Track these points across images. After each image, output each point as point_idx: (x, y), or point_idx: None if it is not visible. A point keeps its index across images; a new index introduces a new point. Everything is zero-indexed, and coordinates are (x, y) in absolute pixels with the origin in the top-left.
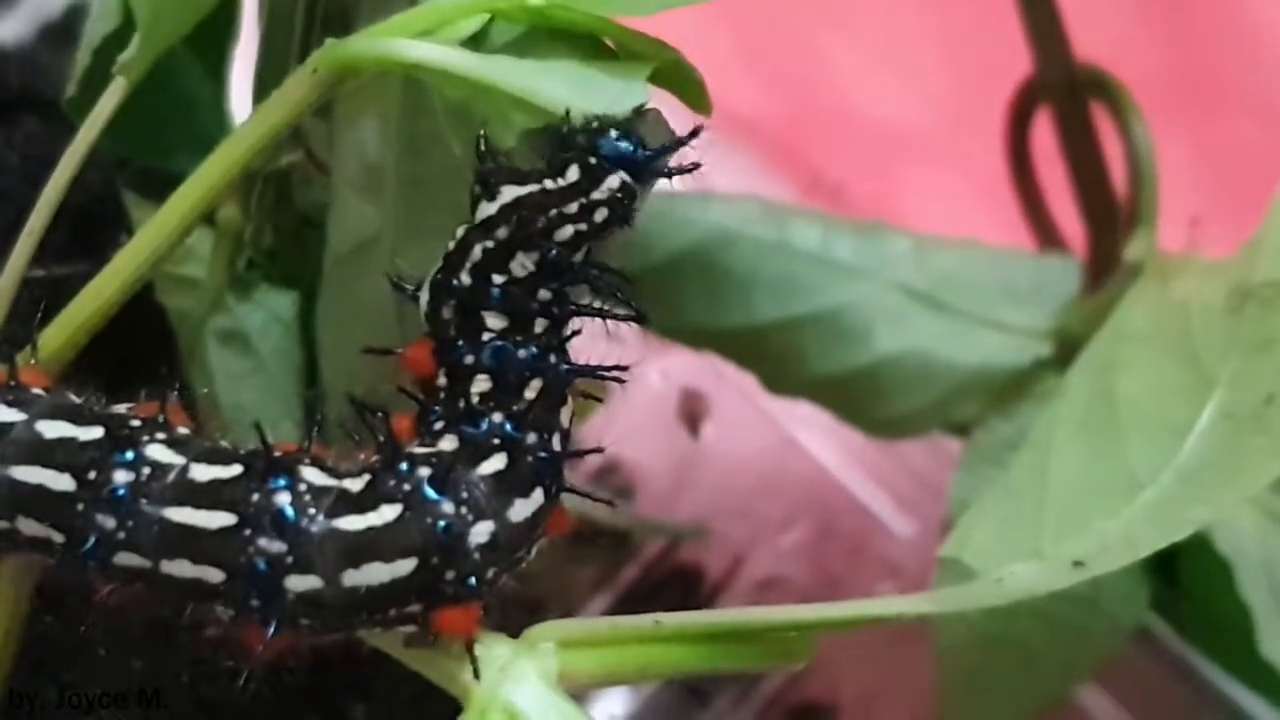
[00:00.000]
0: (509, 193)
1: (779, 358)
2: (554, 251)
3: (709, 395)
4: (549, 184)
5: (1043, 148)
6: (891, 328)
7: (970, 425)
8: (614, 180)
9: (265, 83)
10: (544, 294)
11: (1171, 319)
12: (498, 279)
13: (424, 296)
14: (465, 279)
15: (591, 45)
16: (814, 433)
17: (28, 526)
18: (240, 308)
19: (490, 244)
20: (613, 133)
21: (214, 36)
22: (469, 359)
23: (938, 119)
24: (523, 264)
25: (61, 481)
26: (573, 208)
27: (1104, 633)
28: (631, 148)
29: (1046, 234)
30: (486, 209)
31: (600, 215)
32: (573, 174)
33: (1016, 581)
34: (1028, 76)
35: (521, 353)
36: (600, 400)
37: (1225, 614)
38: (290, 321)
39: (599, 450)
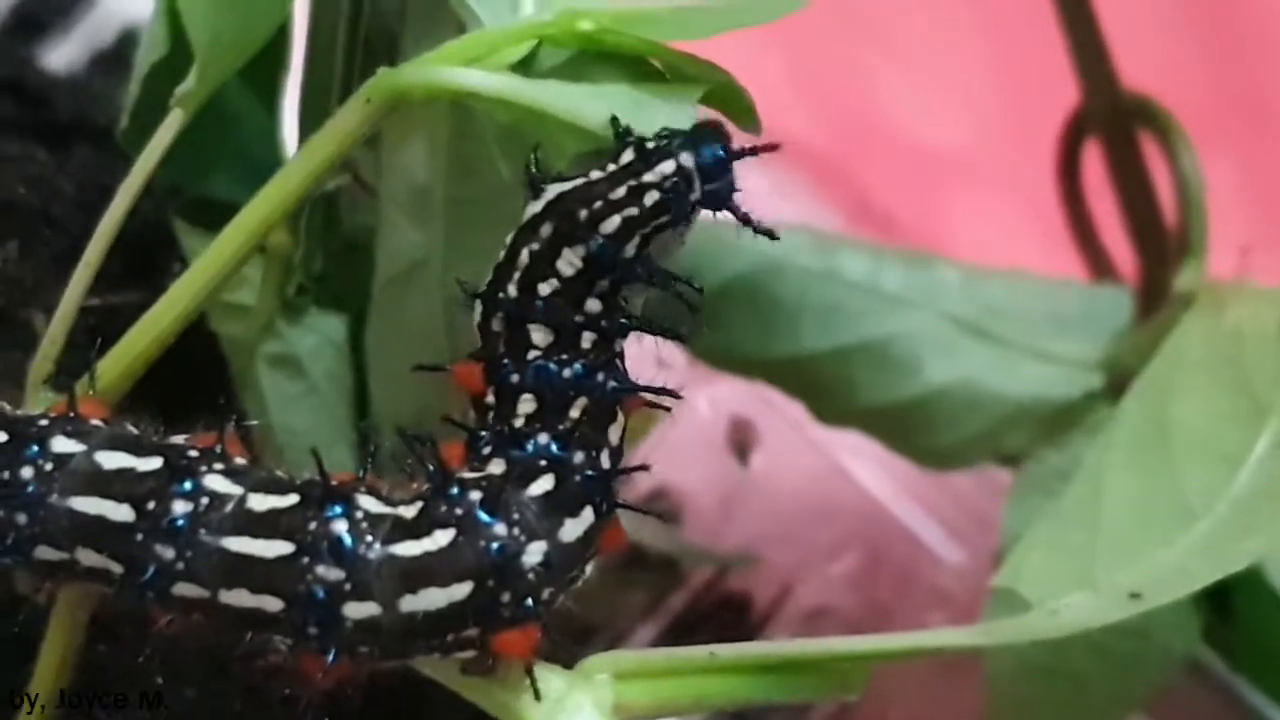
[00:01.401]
0: (554, 189)
1: (827, 387)
2: (600, 242)
3: (758, 423)
4: (595, 174)
5: (1094, 175)
6: (941, 359)
7: (1020, 455)
8: (668, 165)
9: (310, 110)
10: (592, 304)
11: (1224, 347)
12: (544, 289)
13: (476, 309)
14: (512, 290)
15: (640, 68)
16: (863, 461)
17: (86, 557)
18: (291, 332)
19: (536, 245)
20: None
21: (266, 65)
22: (514, 378)
23: (987, 145)
24: (570, 261)
25: (120, 512)
26: (620, 192)
27: (1155, 663)
28: (693, 139)
29: (1099, 262)
30: (532, 208)
31: (651, 199)
32: (626, 157)
33: (1071, 613)
34: (1076, 104)
35: (565, 372)
36: (651, 424)
37: (1276, 646)
38: (341, 344)
39: (646, 468)
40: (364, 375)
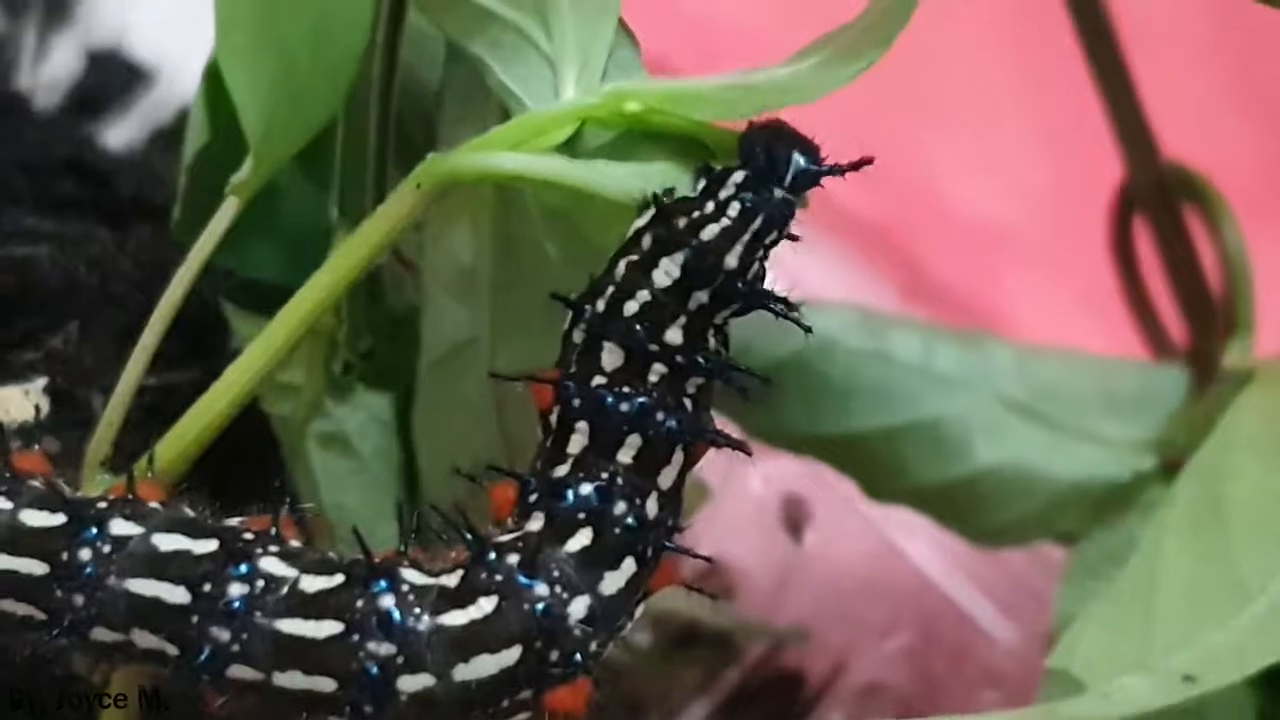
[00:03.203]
0: (658, 204)
1: (878, 466)
2: (699, 250)
3: (810, 500)
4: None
5: (1148, 249)
6: (992, 439)
7: (1073, 535)
8: (737, 175)
9: (345, 185)
10: (672, 334)
11: (1278, 428)
12: (630, 306)
13: (567, 318)
14: (600, 304)
15: (686, 146)
16: (916, 538)
17: (143, 639)
18: (339, 410)
19: (635, 256)
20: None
21: (318, 149)
22: (575, 401)
23: (1041, 218)
24: (667, 271)
25: (177, 594)
26: (709, 206)
27: None
28: (755, 147)
29: (1155, 336)
30: (635, 223)
31: (734, 209)
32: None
33: (1125, 696)
34: (1123, 179)
35: (623, 405)
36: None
37: None
38: (389, 421)
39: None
40: (412, 451)
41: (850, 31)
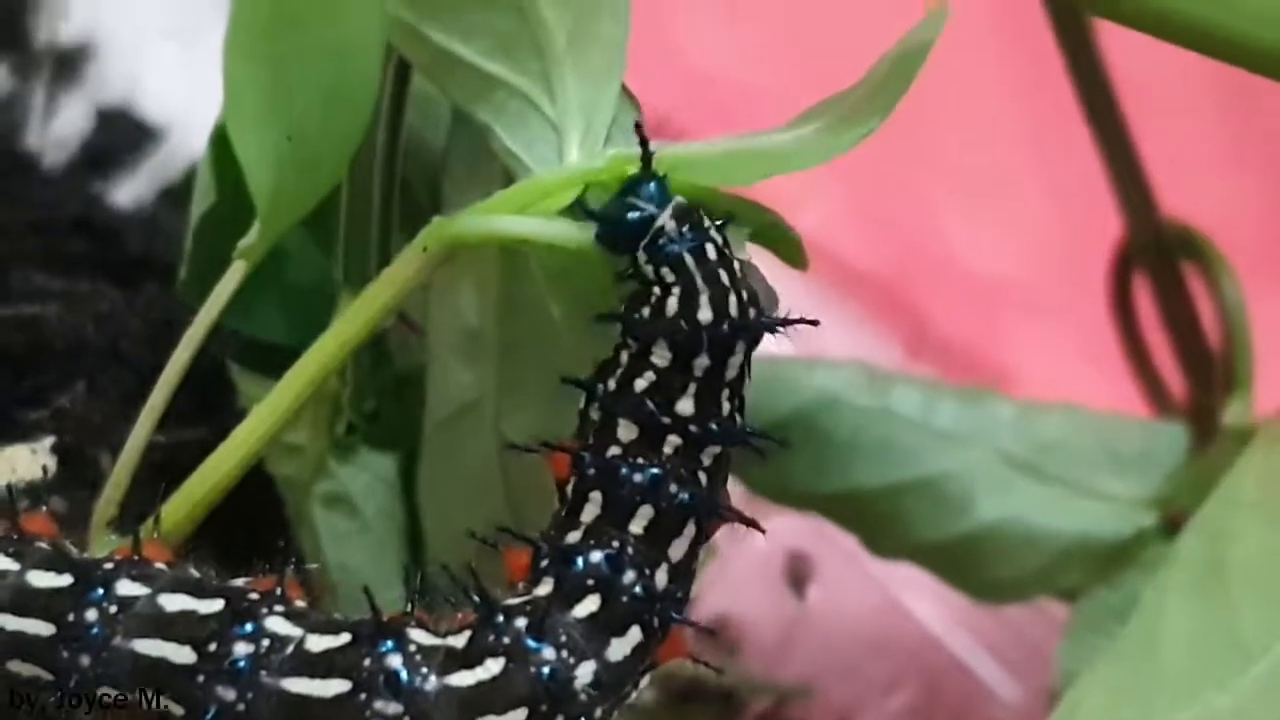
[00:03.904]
0: (615, 319)
1: (881, 522)
2: (672, 328)
3: (814, 556)
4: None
5: (1149, 305)
6: (993, 496)
7: (1075, 591)
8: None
9: (349, 246)
10: (684, 405)
11: None
12: (640, 384)
13: (580, 397)
14: (611, 384)
15: None
16: (919, 595)
17: (149, 699)
18: (343, 471)
19: (630, 350)
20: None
21: (321, 210)
22: (590, 471)
23: (1044, 275)
24: (660, 355)
25: (183, 654)
26: (654, 290)
27: None
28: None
29: (1156, 392)
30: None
31: (671, 276)
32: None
33: None
34: (1123, 236)
35: (637, 476)
36: (709, 557)
37: None
38: (393, 482)
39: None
40: (416, 512)
41: (852, 97)
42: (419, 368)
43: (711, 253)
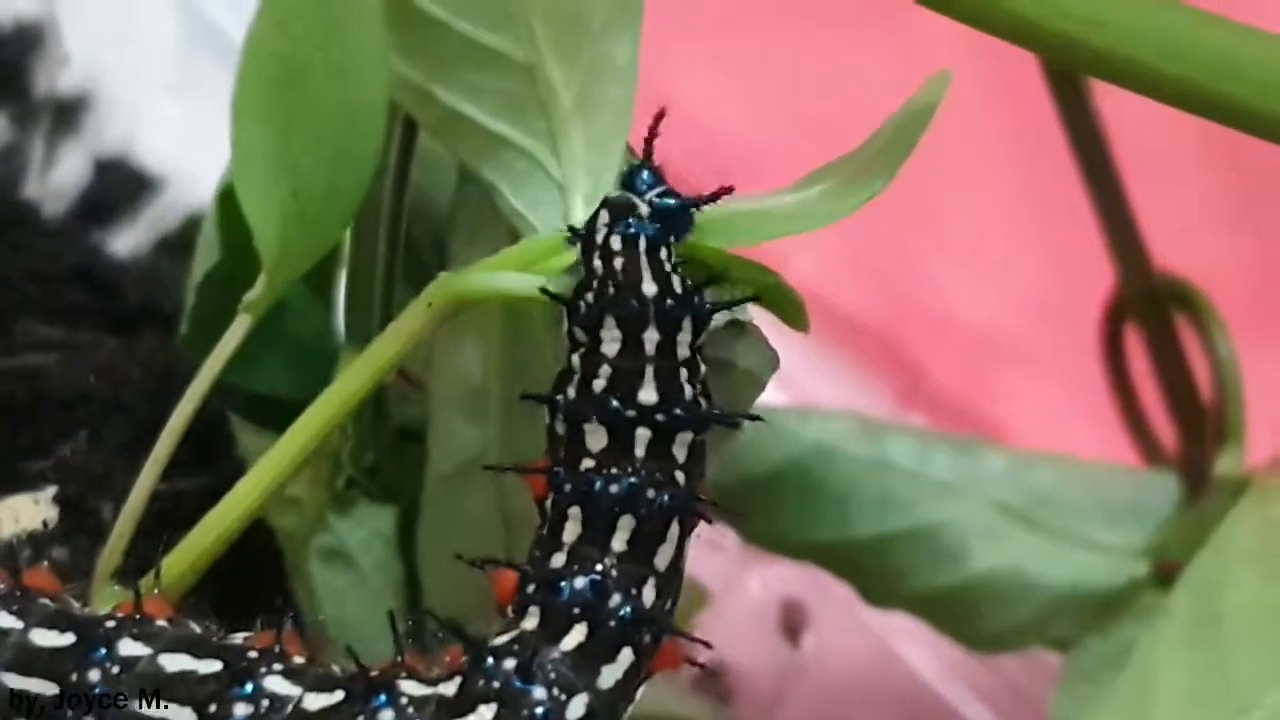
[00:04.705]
0: (559, 300)
1: (876, 572)
2: (619, 301)
3: (809, 605)
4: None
5: (1142, 358)
6: (987, 546)
7: (1068, 640)
8: (602, 215)
9: (353, 301)
10: (646, 395)
11: (1275, 539)
12: (598, 384)
13: (544, 414)
14: (571, 391)
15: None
16: (914, 644)
17: None
18: (341, 525)
19: (581, 348)
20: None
21: (323, 265)
22: (566, 487)
23: (1037, 326)
24: (611, 338)
25: (183, 716)
26: (598, 263)
27: None
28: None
29: (1146, 444)
30: (563, 325)
31: (619, 244)
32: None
33: None
34: (1115, 288)
35: (613, 488)
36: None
37: None
38: (391, 537)
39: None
40: (414, 567)
41: (857, 160)
42: (419, 422)
43: (652, 242)
